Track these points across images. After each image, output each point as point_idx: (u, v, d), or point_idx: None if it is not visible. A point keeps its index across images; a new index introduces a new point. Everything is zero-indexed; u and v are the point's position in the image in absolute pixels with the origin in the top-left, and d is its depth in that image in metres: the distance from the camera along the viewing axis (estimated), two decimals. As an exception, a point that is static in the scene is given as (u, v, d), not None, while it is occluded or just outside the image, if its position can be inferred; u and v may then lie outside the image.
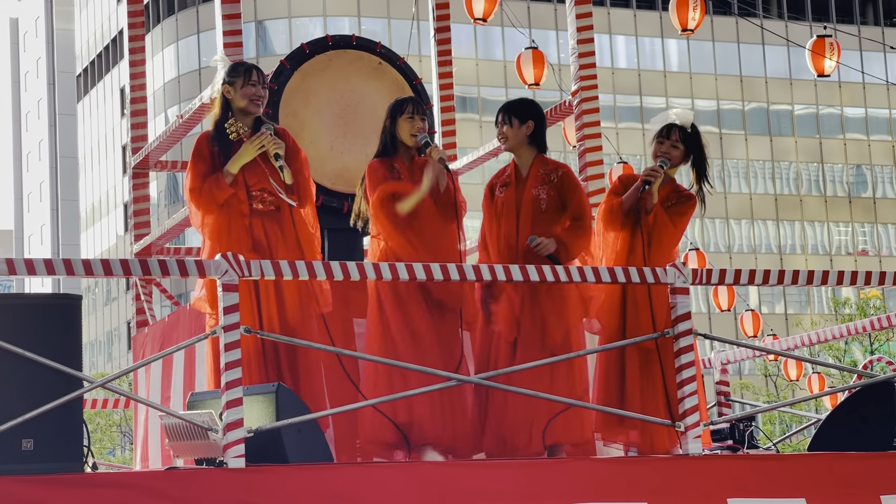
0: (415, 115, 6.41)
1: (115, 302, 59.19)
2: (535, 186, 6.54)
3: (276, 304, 6.07)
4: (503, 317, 6.41)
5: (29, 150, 73.80)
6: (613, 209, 6.59)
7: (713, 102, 52.83)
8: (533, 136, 6.58)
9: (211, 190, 6.10)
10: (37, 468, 4.90)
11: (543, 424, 6.29)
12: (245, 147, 6.12)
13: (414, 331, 6.24)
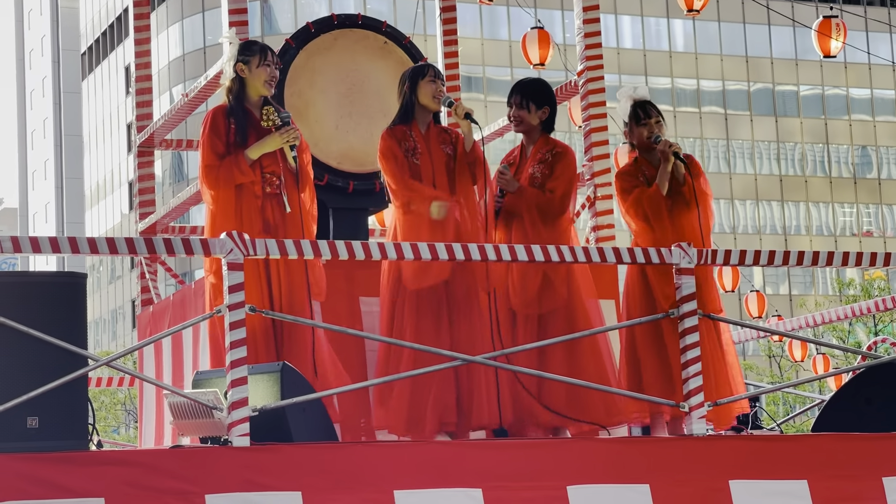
0: (436, 78, 6.40)
1: (120, 280, 59.27)
2: (533, 164, 6.58)
3: (286, 285, 6.08)
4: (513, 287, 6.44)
5: (34, 128, 73.78)
6: (654, 198, 6.57)
7: (719, 83, 52.72)
8: (545, 121, 6.61)
9: (231, 170, 6.10)
10: (42, 446, 4.92)
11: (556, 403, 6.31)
12: (273, 138, 6.14)
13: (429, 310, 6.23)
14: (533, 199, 6.50)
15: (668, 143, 6.57)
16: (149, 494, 4.93)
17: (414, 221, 6.28)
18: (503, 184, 6.52)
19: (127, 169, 58.25)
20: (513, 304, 6.44)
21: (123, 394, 38.41)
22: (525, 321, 6.44)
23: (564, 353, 6.39)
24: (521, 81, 6.70)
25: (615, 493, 5.57)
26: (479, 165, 6.37)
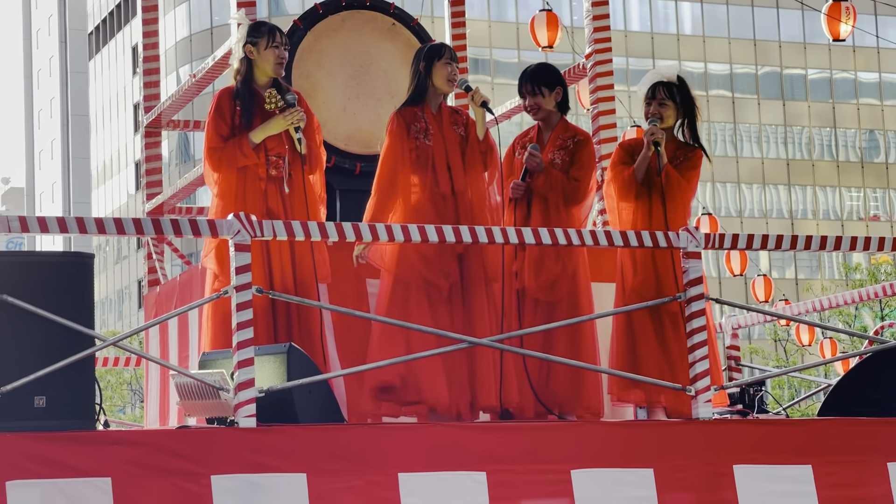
0: (452, 61, 6.37)
1: (126, 260, 59.33)
2: (553, 150, 6.57)
3: (290, 268, 6.08)
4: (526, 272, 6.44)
5: (40, 108, 73.78)
6: (626, 180, 6.58)
7: (726, 66, 52.60)
8: (560, 102, 6.60)
9: (234, 153, 6.09)
10: (49, 425, 4.93)
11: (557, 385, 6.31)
12: (277, 120, 6.11)
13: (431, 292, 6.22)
14: (559, 183, 6.48)
15: (652, 132, 6.53)
16: (155, 474, 4.94)
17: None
18: (532, 165, 6.49)
19: (133, 149, 58.25)
20: (527, 287, 6.42)
21: (129, 374, 38.50)
22: (535, 306, 6.43)
23: (569, 341, 6.40)
24: (527, 70, 6.68)
25: (619, 477, 5.57)
26: (490, 154, 6.35)
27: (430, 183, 6.29)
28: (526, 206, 6.52)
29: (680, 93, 6.67)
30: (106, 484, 4.87)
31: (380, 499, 5.25)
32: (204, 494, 4.99)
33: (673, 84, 6.67)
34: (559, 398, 6.41)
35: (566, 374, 6.34)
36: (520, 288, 6.44)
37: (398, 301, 6.24)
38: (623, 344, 6.58)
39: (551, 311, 6.40)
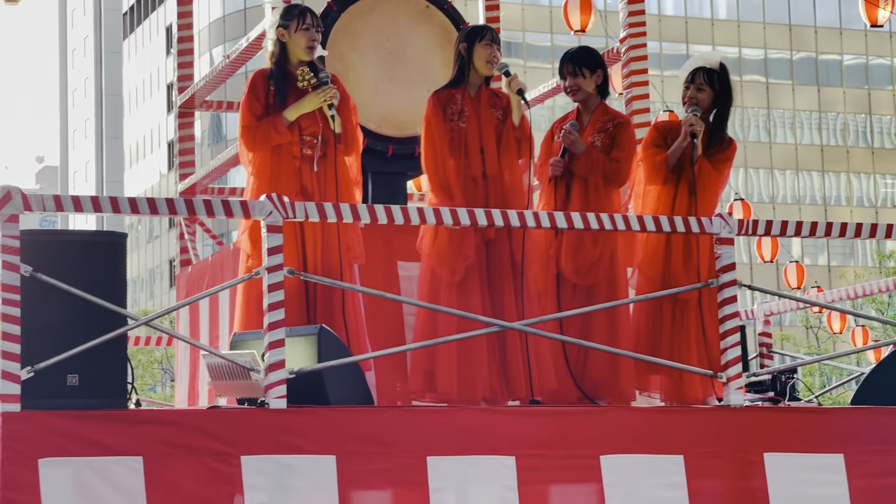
0: (492, 43, 6.35)
1: (158, 240, 59.57)
2: (592, 133, 6.54)
3: (321, 249, 6.08)
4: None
5: (75, 88, 74.09)
6: (657, 164, 6.54)
7: (761, 51, 52.29)
8: (600, 86, 6.57)
9: (268, 131, 6.10)
10: (81, 403, 4.96)
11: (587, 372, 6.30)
12: (310, 98, 6.11)
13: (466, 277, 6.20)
14: (600, 164, 6.46)
15: (691, 122, 6.49)
16: (186, 454, 4.97)
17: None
18: (569, 143, 6.46)
19: (166, 129, 58.43)
20: (564, 271, 6.40)
21: (160, 353, 38.67)
22: (573, 291, 6.41)
23: (607, 326, 6.38)
24: (569, 51, 6.64)
25: (648, 464, 5.56)
26: (525, 141, 6.33)
27: (462, 165, 6.28)
28: (565, 187, 6.49)
29: (720, 80, 6.63)
30: (137, 463, 4.90)
31: (408, 482, 5.26)
32: (234, 475, 5.01)
33: (714, 71, 6.63)
34: (596, 384, 6.38)
35: (604, 360, 6.32)
36: (557, 272, 6.42)
37: (427, 287, 6.24)
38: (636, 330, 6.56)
39: (590, 295, 6.37)
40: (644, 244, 6.56)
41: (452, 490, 5.33)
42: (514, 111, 6.31)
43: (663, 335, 6.47)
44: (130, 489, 4.88)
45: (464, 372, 6.10)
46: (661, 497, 5.56)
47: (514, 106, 6.32)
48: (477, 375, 6.09)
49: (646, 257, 6.54)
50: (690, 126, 6.48)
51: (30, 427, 4.81)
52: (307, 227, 6.04)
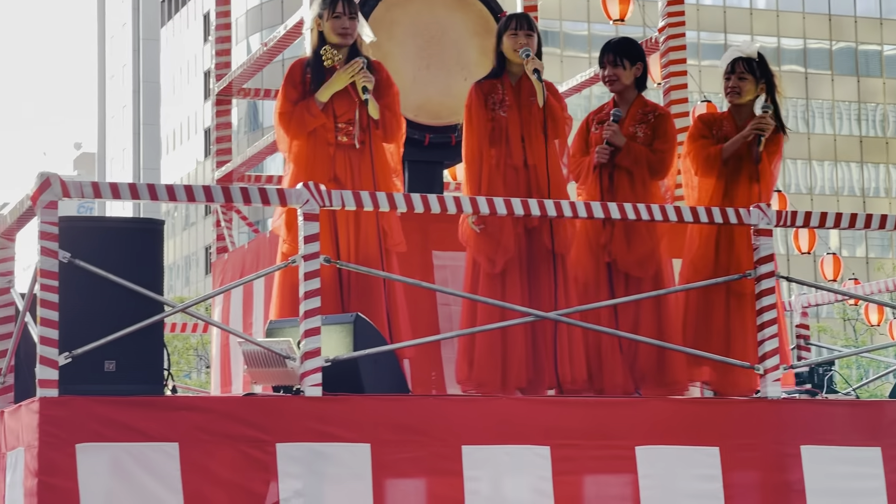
0: (518, 30, 6.33)
1: (194, 227, 59.83)
2: (633, 125, 6.51)
3: (354, 237, 6.08)
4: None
5: (112, 74, 74.45)
6: (711, 157, 6.52)
7: (800, 41, 51.95)
8: (639, 78, 6.55)
9: (302, 115, 6.13)
10: (118, 389, 4.98)
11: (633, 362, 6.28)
12: (337, 75, 6.14)
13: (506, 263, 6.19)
14: (643, 157, 6.44)
15: (761, 124, 6.45)
16: (222, 441, 4.98)
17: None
18: (610, 136, 6.45)
19: (202, 116, 58.64)
20: (619, 261, 6.38)
21: (196, 339, 38.85)
22: (626, 281, 6.38)
23: (655, 318, 6.36)
24: (612, 41, 6.62)
25: (684, 455, 5.55)
26: (552, 123, 6.26)
27: (503, 154, 6.27)
28: (608, 176, 6.47)
29: (760, 68, 6.60)
30: (173, 449, 4.92)
31: (443, 470, 5.26)
32: (269, 462, 5.03)
33: (753, 59, 6.60)
34: (644, 376, 6.36)
35: (652, 352, 6.30)
36: (610, 261, 6.40)
37: (469, 276, 6.24)
38: (682, 320, 6.53)
39: (639, 287, 6.36)
40: (693, 238, 6.54)
41: (487, 479, 5.33)
42: (538, 93, 6.26)
43: (715, 327, 6.43)
44: (166, 475, 4.90)
45: (501, 361, 6.09)
46: (696, 489, 5.54)
47: (536, 87, 6.28)
48: (514, 365, 6.08)
49: (696, 251, 6.51)
50: (758, 127, 6.44)
51: (67, 412, 4.83)
52: (340, 215, 6.03)
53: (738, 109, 6.65)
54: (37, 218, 5.01)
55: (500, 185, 6.22)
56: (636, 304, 6.28)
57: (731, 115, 6.67)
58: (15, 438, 5.11)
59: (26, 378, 5.37)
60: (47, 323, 4.90)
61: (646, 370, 6.34)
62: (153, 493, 4.87)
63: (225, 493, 4.96)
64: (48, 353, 4.89)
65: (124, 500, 4.84)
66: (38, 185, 4.97)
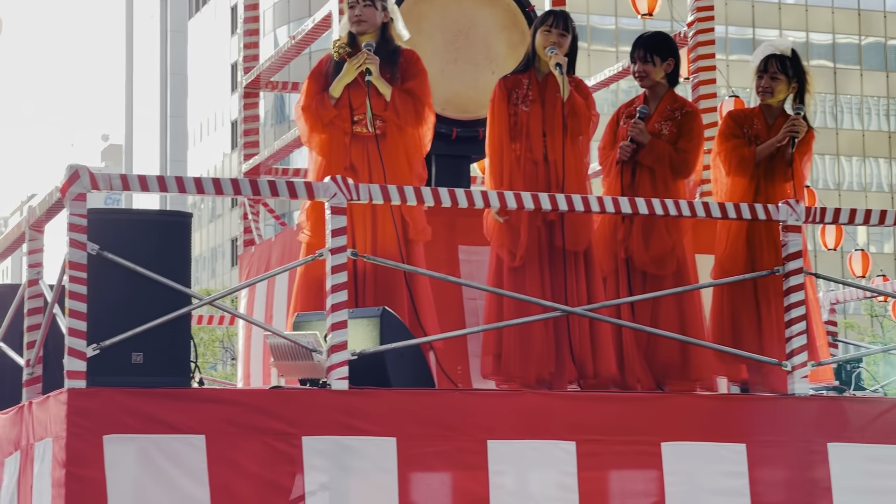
0: (552, 28, 6.31)
1: (220, 219, 59.99)
2: (659, 121, 6.48)
3: (370, 230, 6.08)
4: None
5: (140, 66, 74.69)
6: (745, 159, 6.49)
7: (829, 36, 51.69)
8: (670, 74, 6.52)
9: (317, 109, 6.17)
10: (146, 381, 4.99)
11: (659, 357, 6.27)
12: (346, 67, 6.17)
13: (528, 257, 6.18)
14: (666, 154, 6.41)
15: (794, 126, 6.42)
16: (248, 433, 4.99)
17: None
18: (635, 133, 6.43)
19: (229, 109, 58.75)
20: (636, 259, 6.36)
21: (222, 331, 38.97)
22: (643, 279, 6.36)
23: (677, 315, 6.34)
24: (643, 35, 6.59)
25: (710, 452, 5.53)
26: (574, 118, 6.23)
27: (523, 148, 6.26)
28: (631, 173, 6.45)
29: (793, 66, 6.56)
30: (200, 441, 4.94)
31: (468, 465, 5.26)
32: (295, 455, 5.04)
33: (786, 57, 6.56)
34: (666, 371, 6.34)
35: (673, 348, 6.28)
36: (627, 258, 6.38)
37: (493, 270, 6.24)
38: (716, 318, 6.51)
39: (658, 285, 6.32)
40: (721, 238, 6.51)
41: (512, 474, 5.32)
42: (562, 87, 6.24)
43: (747, 327, 6.41)
44: (193, 467, 4.91)
45: (522, 355, 6.08)
46: (721, 485, 5.53)
47: (559, 82, 6.25)
48: (534, 359, 6.07)
49: (724, 251, 6.49)
50: (792, 130, 6.41)
51: (95, 404, 4.85)
52: (355, 208, 6.01)
53: (769, 108, 6.62)
54: (66, 210, 5.03)
55: (520, 179, 6.21)
56: (654, 301, 6.24)
57: (761, 113, 6.63)
58: (43, 429, 5.14)
59: (54, 369, 5.39)
60: (75, 314, 4.92)
61: (666, 367, 6.31)
62: (179, 485, 4.89)
63: (251, 485, 4.97)
64: (76, 344, 4.91)
65: (151, 491, 4.86)
66: (68, 178, 4.99)
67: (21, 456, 5.45)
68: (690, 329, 6.31)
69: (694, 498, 5.49)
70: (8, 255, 6.25)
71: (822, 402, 5.90)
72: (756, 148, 6.50)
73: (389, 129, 6.18)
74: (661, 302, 6.29)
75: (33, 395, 5.47)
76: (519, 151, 6.26)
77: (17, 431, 5.53)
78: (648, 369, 6.28)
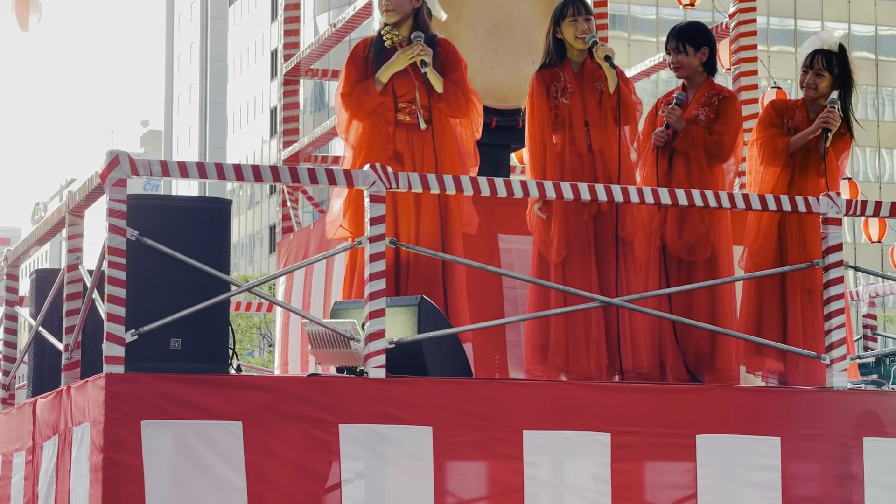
0: (577, 16, 6.29)
1: (259, 206, 60.19)
2: (697, 107, 6.47)
3: (414, 219, 6.08)
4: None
5: (180, 53, 74.97)
6: (779, 150, 6.46)
7: (871, 27, 51.28)
8: (706, 62, 6.49)
9: (360, 96, 6.13)
10: (184, 367, 5.01)
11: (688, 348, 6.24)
12: (397, 56, 6.13)
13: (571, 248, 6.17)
14: (700, 140, 6.39)
15: (827, 118, 6.37)
16: (285, 420, 5.01)
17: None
18: (672, 120, 6.41)
19: (269, 96, 58.91)
20: (671, 246, 6.35)
21: (259, 318, 39.13)
22: (678, 266, 6.35)
23: (709, 304, 6.31)
24: (676, 27, 6.56)
25: (744, 445, 5.51)
26: (624, 109, 6.21)
27: (567, 141, 6.25)
28: (668, 160, 6.44)
29: (839, 63, 6.51)
30: (237, 427, 4.95)
31: (503, 455, 5.26)
32: (331, 442, 5.05)
33: (833, 53, 6.51)
34: (698, 362, 6.33)
35: (704, 338, 6.27)
36: (661, 246, 6.37)
37: (536, 262, 6.24)
38: (748, 311, 6.48)
39: (692, 272, 6.32)
40: (751, 229, 6.47)
41: (547, 465, 5.32)
42: (609, 79, 6.22)
43: (785, 320, 6.37)
44: (230, 453, 4.93)
45: (573, 348, 6.08)
46: (754, 479, 5.52)
47: (607, 74, 6.23)
48: (579, 351, 6.06)
49: (757, 244, 6.45)
50: (825, 122, 6.37)
51: (133, 389, 4.87)
52: (399, 196, 6.01)
53: (813, 102, 6.57)
54: (105, 195, 5.05)
55: (564, 173, 6.19)
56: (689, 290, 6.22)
57: (804, 106, 6.60)
58: (81, 414, 5.17)
59: (93, 354, 5.42)
60: (114, 300, 4.94)
61: (699, 357, 6.30)
62: (216, 471, 4.91)
63: (287, 472, 4.99)
64: (115, 329, 4.93)
65: (188, 477, 4.88)
66: (108, 163, 5.00)
67: (59, 440, 5.48)
68: (722, 319, 6.28)
69: (726, 491, 5.47)
70: (48, 240, 6.29)
71: (861, 397, 5.86)
72: (790, 139, 6.46)
73: (440, 119, 6.17)
74: (694, 291, 6.27)
75: (72, 379, 5.50)
76: (561, 144, 6.24)
77: (56, 416, 5.57)
78: (681, 359, 6.26)
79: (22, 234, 64.69)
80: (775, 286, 6.39)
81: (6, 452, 6.45)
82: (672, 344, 6.24)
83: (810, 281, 6.24)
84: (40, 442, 5.82)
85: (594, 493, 5.32)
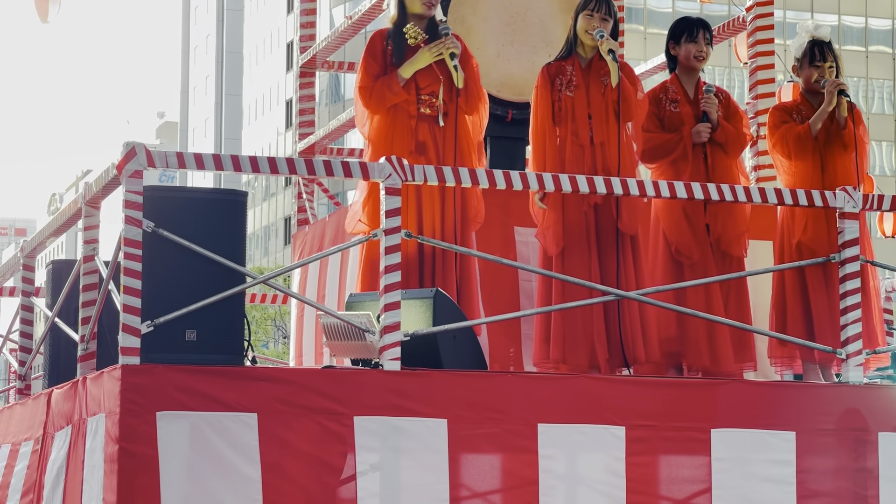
0: (595, 12, 6.28)
1: (274, 198, 60.24)
2: None
3: (439, 212, 6.08)
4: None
5: (196, 44, 75.04)
6: (802, 136, 6.47)
7: (888, 21, 51.07)
8: None
9: (382, 91, 6.12)
10: (199, 359, 5.02)
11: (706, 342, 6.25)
12: (422, 53, 6.12)
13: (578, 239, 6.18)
14: (732, 133, 6.47)
15: (836, 83, 6.41)
16: (300, 412, 5.01)
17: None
18: (713, 111, 6.44)
19: (284, 88, 58.94)
20: (723, 239, 6.37)
21: (274, 310, 39.19)
22: (723, 259, 6.39)
23: (737, 299, 6.34)
24: (695, 18, 6.63)
25: (758, 440, 5.51)
26: (624, 103, 6.19)
27: (569, 133, 6.24)
28: (703, 155, 6.46)
29: (831, 51, 6.60)
30: (252, 419, 4.96)
31: (517, 448, 5.26)
32: (346, 434, 5.05)
33: (826, 44, 6.59)
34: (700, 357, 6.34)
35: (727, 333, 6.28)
36: (713, 241, 6.38)
37: (541, 255, 6.23)
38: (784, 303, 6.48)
39: (731, 266, 6.39)
40: (803, 222, 6.48)
41: (561, 458, 5.32)
42: (612, 73, 6.21)
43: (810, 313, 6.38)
44: (245, 445, 4.94)
45: (570, 340, 6.08)
46: (768, 473, 5.51)
47: (610, 68, 6.22)
48: (581, 344, 6.06)
49: (808, 234, 6.45)
50: (836, 86, 6.41)
51: (149, 380, 4.88)
52: (424, 189, 6.03)
53: (814, 95, 6.62)
54: (122, 187, 5.05)
55: (564, 164, 6.19)
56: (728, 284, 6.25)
57: (807, 101, 6.62)
58: (96, 405, 5.18)
59: (108, 345, 5.44)
60: (130, 291, 4.95)
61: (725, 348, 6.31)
62: (231, 463, 4.92)
63: (302, 464, 4.99)
64: (131, 321, 4.94)
65: (203, 468, 4.89)
66: (124, 155, 5.01)
67: (72, 430, 5.50)
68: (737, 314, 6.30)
69: (741, 485, 5.47)
70: (64, 231, 6.30)
71: (876, 391, 5.85)
72: (809, 122, 6.48)
73: (459, 115, 6.16)
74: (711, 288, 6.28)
75: (87, 370, 5.52)
76: (563, 136, 6.24)
77: (71, 406, 5.58)
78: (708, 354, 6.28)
79: (38, 225, 64.75)
80: (819, 277, 6.38)
81: (16, 442, 6.47)
82: (666, 340, 6.26)
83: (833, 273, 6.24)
84: (52, 432, 5.84)
85: (609, 487, 5.32)
